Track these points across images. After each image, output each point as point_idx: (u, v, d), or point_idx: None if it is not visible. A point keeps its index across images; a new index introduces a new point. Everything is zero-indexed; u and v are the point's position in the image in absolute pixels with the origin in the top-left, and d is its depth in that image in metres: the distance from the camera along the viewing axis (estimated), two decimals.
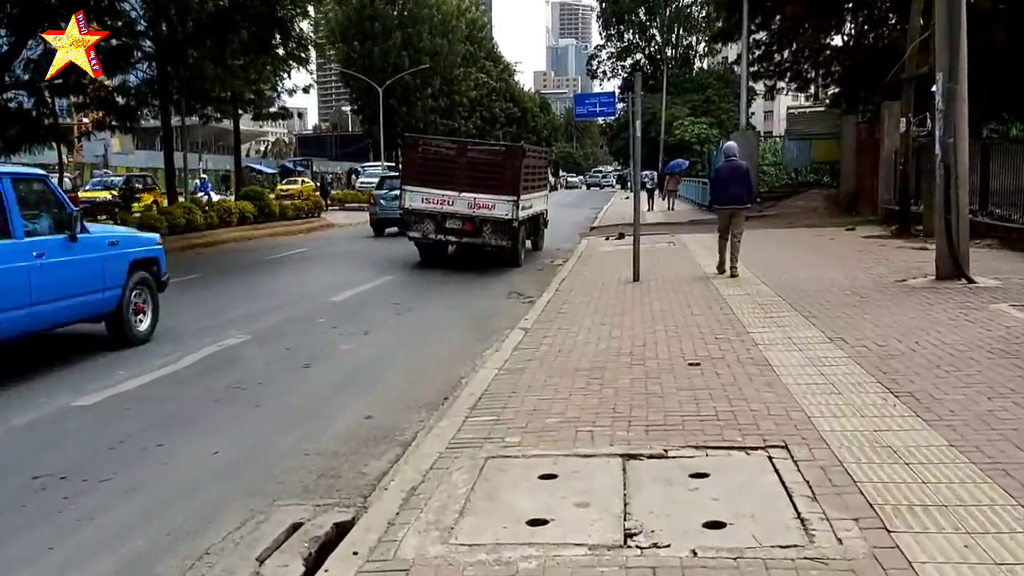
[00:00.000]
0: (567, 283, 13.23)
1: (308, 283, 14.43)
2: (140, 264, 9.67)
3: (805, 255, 15.34)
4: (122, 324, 9.22)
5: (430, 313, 11.68)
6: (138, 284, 9.49)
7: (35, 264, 7.93)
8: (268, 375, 7.95)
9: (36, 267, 7.94)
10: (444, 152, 16.61)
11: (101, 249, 9.04)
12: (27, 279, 7.81)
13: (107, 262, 9.05)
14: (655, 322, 9.17)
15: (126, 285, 9.25)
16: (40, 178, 8.95)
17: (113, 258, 9.18)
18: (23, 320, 7.84)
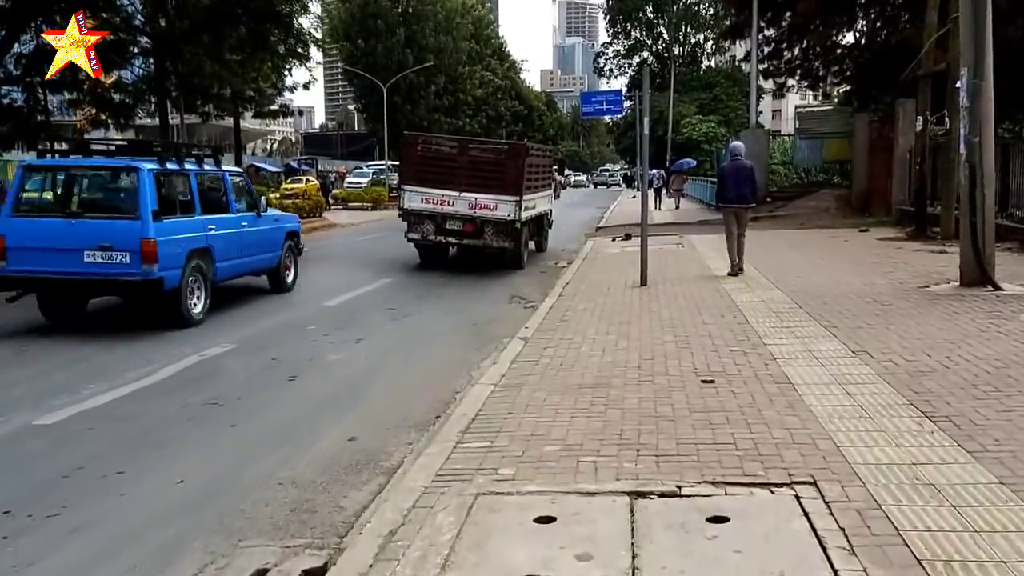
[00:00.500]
0: (571, 287, 12.68)
1: (304, 286, 13.84)
2: (290, 235, 13.46)
3: (819, 258, 14.75)
4: (279, 277, 13.12)
5: (427, 319, 11.13)
6: (288, 249, 13.37)
7: (242, 230, 11.75)
8: (249, 389, 7.41)
9: (242, 232, 11.76)
10: (444, 151, 16.06)
11: (271, 223, 12.90)
12: (239, 240, 11.60)
13: (274, 232, 12.87)
14: (664, 332, 8.60)
15: (283, 249, 13.11)
16: (240, 174, 13.32)
17: (277, 230, 13.01)
18: (234, 267, 11.59)
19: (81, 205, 10.71)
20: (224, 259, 11.11)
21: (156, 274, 9.64)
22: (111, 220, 9.96)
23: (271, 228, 12.74)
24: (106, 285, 10.03)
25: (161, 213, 9.94)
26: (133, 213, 9.79)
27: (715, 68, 78.58)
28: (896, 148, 21.88)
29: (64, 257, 9.66)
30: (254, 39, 21.30)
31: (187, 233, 10.39)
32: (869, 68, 26.01)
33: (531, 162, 16.22)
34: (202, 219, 10.82)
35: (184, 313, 10.14)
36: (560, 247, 20.39)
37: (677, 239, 19.84)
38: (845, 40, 27.80)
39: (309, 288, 13.70)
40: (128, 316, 10.98)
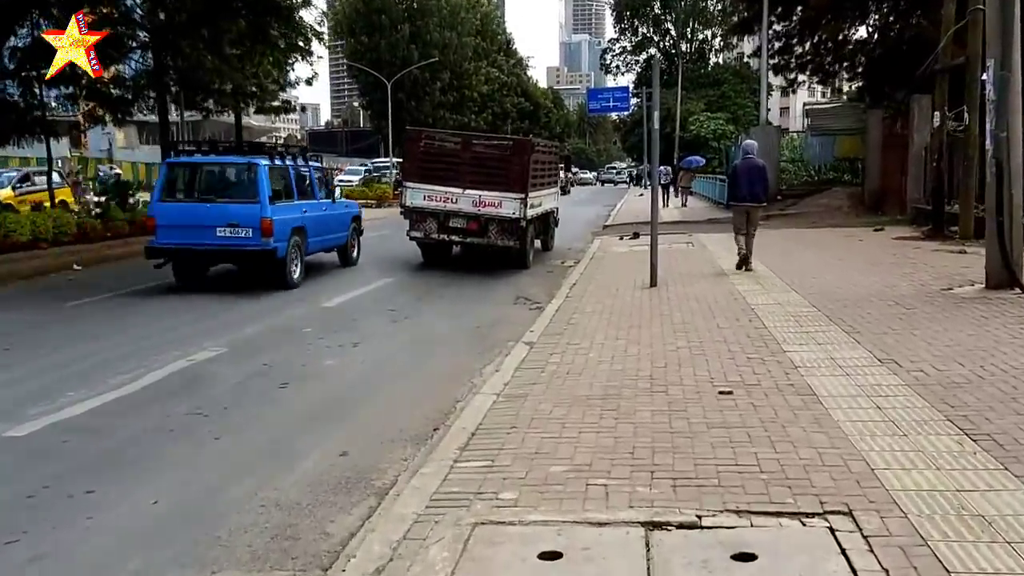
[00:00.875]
0: (578, 288, 12.25)
1: (301, 285, 13.47)
2: (354, 219, 16.19)
3: (835, 258, 14.28)
4: (347, 252, 15.91)
5: (428, 321, 10.71)
6: (353, 230, 16.01)
7: (324, 213, 14.62)
8: (237, 398, 6.99)
9: (324, 214, 14.60)
10: (447, 146, 15.61)
11: (342, 208, 15.66)
12: (322, 220, 14.45)
13: (344, 215, 15.50)
14: (677, 337, 8.17)
15: (350, 229, 15.77)
16: (322, 169, 16.22)
17: (346, 214, 15.68)
18: (319, 242, 14.51)
19: (213, 192, 13.51)
20: (313, 236, 14.03)
21: (271, 245, 12.54)
22: (237, 203, 12.78)
23: (342, 212, 15.56)
24: (233, 254, 12.98)
25: (273, 199, 12.82)
26: (254, 198, 12.66)
27: (723, 65, 78.04)
28: (911, 145, 21.38)
29: (201, 232, 12.58)
30: (254, 32, 20.84)
31: (290, 215, 13.22)
32: (882, 63, 25.51)
33: (536, 158, 15.77)
34: (298, 203, 13.73)
35: (288, 277, 12.98)
36: (567, 246, 19.93)
37: (687, 238, 19.39)
38: (857, 35, 27.26)
39: (308, 287, 13.30)
40: (126, 316, 10.61)
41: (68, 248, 16.80)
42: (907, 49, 25.12)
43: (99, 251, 17.47)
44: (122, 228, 18.70)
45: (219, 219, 12.55)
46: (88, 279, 14.49)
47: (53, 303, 11.84)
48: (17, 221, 16.27)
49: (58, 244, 16.75)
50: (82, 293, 12.61)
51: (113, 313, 11.04)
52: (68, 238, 17.02)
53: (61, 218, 17.15)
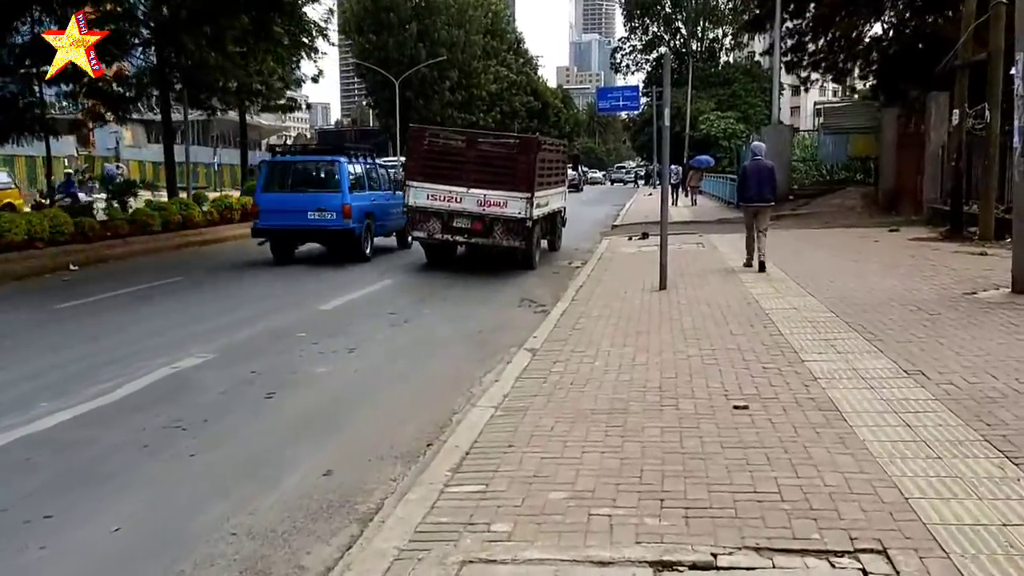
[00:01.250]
0: (585, 290, 11.83)
1: (299, 287, 13.08)
2: None
3: (851, 260, 13.79)
4: (405, 237, 17.57)
5: (428, 325, 10.28)
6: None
7: (388, 202, 17.47)
8: (219, 410, 6.58)
9: (388, 203, 17.44)
10: (452, 144, 15.18)
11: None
12: (387, 208, 17.38)
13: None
14: (687, 344, 7.73)
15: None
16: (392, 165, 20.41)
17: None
18: (385, 226, 17.66)
19: (304, 184, 16.93)
20: (380, 221, 17.21)
21: (350, 226, 15.87)
22: (324, 193, 16.27)
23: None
24: (320, 233, 16.21)
25: (351, 189, 16.12)
26: (337, 188, 16.10)
27: (733, 64, 77.51)
28: (927, 144, 20.89)
29: (296, 216, 15.90)
30: (257, 29, 20.47)
31: (363, 202, 16.49)
32: (897, 61, 24.97)
33: (543, 157, 15.34)
34: (369, 193, 17.03)
35: (362, 253, 16.32)
36: (574, 246, 19.50)
37: (697, 238, 18.93)
38: (871, 32, 26.71)
39: (304, 289, 12.91)
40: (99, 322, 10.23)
41: (65, 248, 16.45)
42: (923, 47, 24.61)
43: (98, 251, 17.13)
44: (122, 228, 18.35)
45: (309, 205, 15.91)
46: (83, 280, 14.14)
47: (43, 305, 11.48)
48: (12, 220, 15.93)
49: (55, 244, 16.40)
50: (74, 295, 12.26)
51: (102, 316, 10.66)
52: (65, 238, 16.67)
53: (58, 217, 16.79)
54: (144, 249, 18.28)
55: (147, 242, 18.75)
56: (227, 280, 13.75)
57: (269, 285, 13.48)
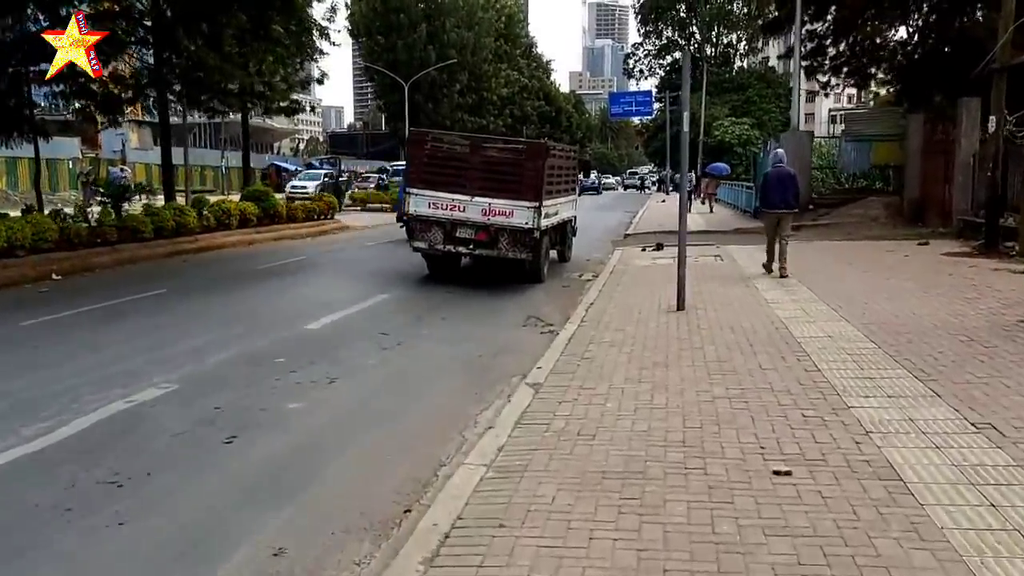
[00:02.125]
0: (596, 308, 10.89)
1: (289, 302, 12.19)
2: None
3: (884, 277, 12.79)
4: None
5: (423, 349, 9.34)
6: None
7: None
8: (168, 459, 5.65)
9: None
10: (455, 150, 14.26)
11: None
12: None
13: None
14: (712, 382, 6.77)
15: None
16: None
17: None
18: None
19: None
20: None
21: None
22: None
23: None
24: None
25: None
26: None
27: (747, 69, 76.47)
28: (957, 151, 19.85)
29: None
30: (255, 28, 19.64)
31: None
32: (923, 64, 23.95)
33: (552, 163, 14.41)
34: None
35: None
36: (585, 256, 18.58)
37: (714, 250, 17.94)
38: (896, 35, 25.68)
39: (294, 304, 12.00)
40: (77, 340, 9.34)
41: (48, 256, 15.57)
42: (950, 50, 23.60)
43: (84, 259, 16.27)
44: (110, 234, 17.48)
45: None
46: (62, 291, 13.27)
47: (8, 321, 10.56)
48: None
49: (37, 252, 15.51)
50: (47, 309, 11.37)
51: (67, 335, 9.76)
52: (49, 245, 15.78)
53: (41, 224, 15.94)
54: (133, 257, 17.40)
55: (137, 249, 17.87)
56: (213, 293, 12.86)
57: (258, 299, 12.59)
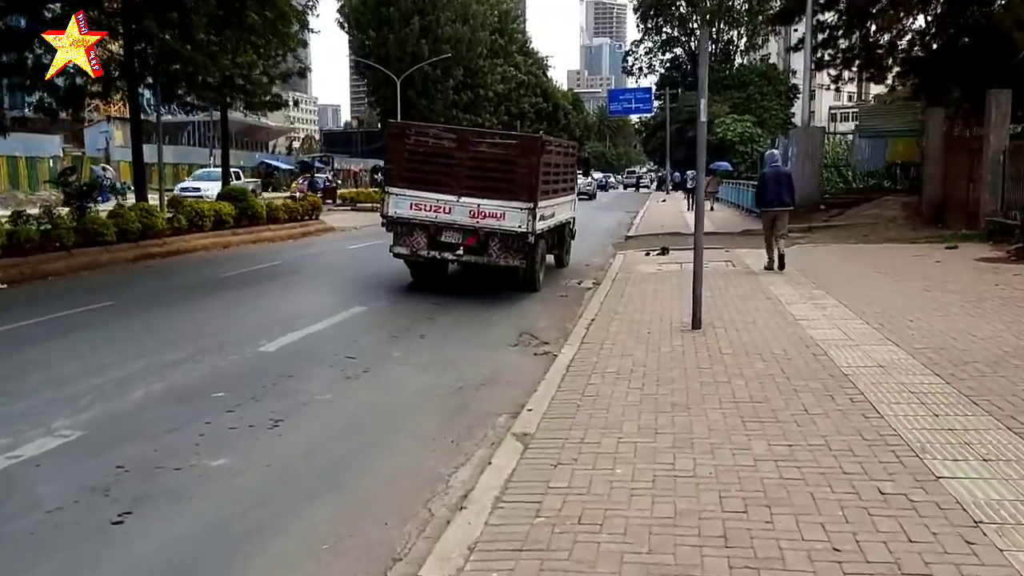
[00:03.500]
0: (598, 325, 9.47)
1: (248, 316, 10.73)
2: None
3: (921, 288, 11.35)
4: None
5: (394, 378, 7.89)
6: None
7: None
8: (27, 555, 4.20)
9: None
10: (440, 144, 12.82)
11: None
12: None
13: None
14: (749, 433, 5.33)
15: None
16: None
17: None
18: None
19: None
20: None
21: None
22: None
23: None
24: None
25: None
26: None
27: (748, 66, 75.03)
28: (986, 147, 18.42)
29: None
30: (227, 15, 18.17)
31: None
32: (944, 56, 22.53)
33: (548, 160, 12.97)
34: None
35: None
36: (584, 261, 17.17)
37: (724, 254, 16.53)
38: (915, 24, 24.25)
39: (253, 319, 10.54)
40: None
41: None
42: (972, 41, 22.21)
43: (35, 265, 14.75)
44: (67, 238, 15.97)
45: None
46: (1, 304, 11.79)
47: None
48: None
49: None
50: None
51: None
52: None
53: None
54: (92, 262, 15.89)
55: (98, 254, 16.38)
56: (164, 305, 11.39)
57: (213, 313, 11.11)
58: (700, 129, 8.70)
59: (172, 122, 78.90)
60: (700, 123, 8.61)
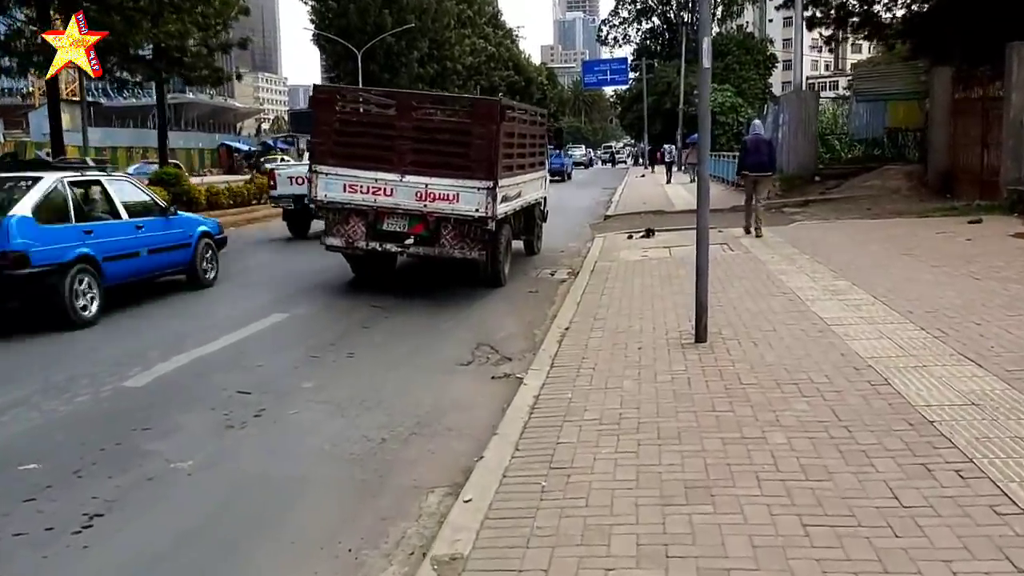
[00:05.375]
0: (575, 335, 7.41)
1: (129, 334, 8.45)
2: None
3: (967, 276, 9.26)
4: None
5: (295, 425, 5.74)
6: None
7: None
8: None
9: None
10: (378, 112, 10.64)
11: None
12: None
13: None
14: (818, 554, 3.24)
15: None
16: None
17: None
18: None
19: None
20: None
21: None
22: None
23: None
24: None
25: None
26: None
27: (725, 35, 72.90)
28: (1007, 108, 16.36)
29: None
30: None
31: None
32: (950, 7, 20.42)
33: (511, 129, 10.80)
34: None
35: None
36: (558, 246, 15.07)
37: (718, 235, 14.35)
38: None
39: (134, 338, 8.30)
40: None
41: None
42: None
43: None
44: None
45: None
46: None
47: None
48: None
49: None
50: None
51: None
52: None
53: None
54: None
55: None
56: (23, 320, 9.13)
57: (86, 330, 8.84)
58: (703, 76, 6.53)
59: (136, 105, 76.00)
60: (703, 69, 6.45)
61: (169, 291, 10.92)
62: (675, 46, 64.78)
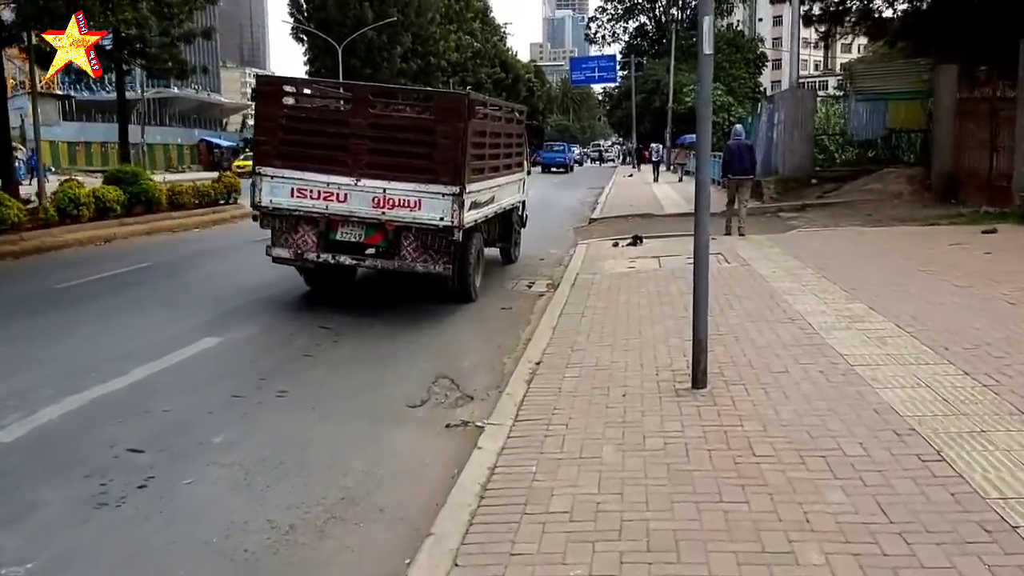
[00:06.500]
0: (548, 374, 6.23)
1: (21, 364, 7.12)
2: None
3: (1002, 300, 8.08)
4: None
5: (181, 507, 4.48)
6: None
7: None
8: None
9: None
10: (331, 108, 9.41)
11: None
12: None
13: None
14: None
15: None
16: None
17: None
18: None
19: None
20: None
21: None
22: None
23: None
24: None
25: None
26: None
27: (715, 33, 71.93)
28: (1020, 108, 15.27)
29: None
30: None
31: None
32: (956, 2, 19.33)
33: (481, 128, 9.58)
34: None
35: None
36: (539, 253, 13.93)
37: (713, 244, 13.22)
38: None
39: (25, 369, 6.98)
40: None
41: None
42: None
43: None
44: None
45: None
46: None
47: None
48: None
49: None
50: None
51: None
52: None
53: None
54: None
55: None
56: None
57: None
58: (703, 64, 5.32)
59: (79, 97, 73.92)
60: (704, 56, 5.25)
61: (113, 295, 9.64)
62: (664, 44, 63.86)
